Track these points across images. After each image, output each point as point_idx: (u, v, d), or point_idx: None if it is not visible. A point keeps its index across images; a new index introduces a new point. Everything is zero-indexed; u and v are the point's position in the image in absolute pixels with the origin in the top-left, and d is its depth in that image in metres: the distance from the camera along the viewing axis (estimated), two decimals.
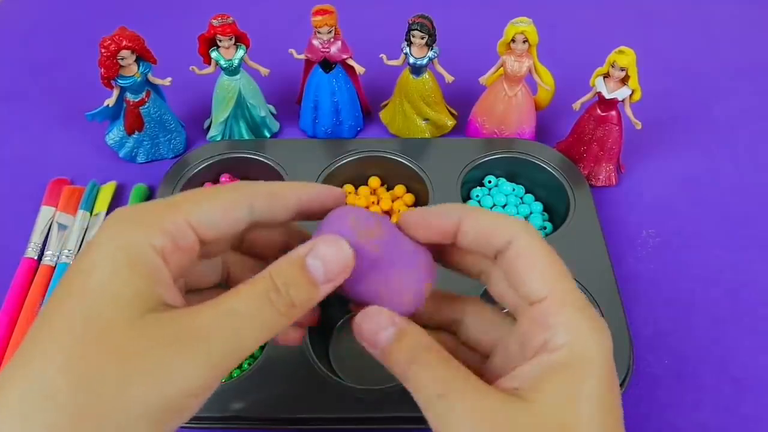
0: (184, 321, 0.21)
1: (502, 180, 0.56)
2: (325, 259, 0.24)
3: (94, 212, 0.54)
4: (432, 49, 0.54)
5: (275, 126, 0.62)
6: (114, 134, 0.57)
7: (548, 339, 0.23)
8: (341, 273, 0.24)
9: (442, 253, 0.28)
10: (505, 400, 0.23)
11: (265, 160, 0.54)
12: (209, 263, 0.28)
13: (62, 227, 0.52)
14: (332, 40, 0.55)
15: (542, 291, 0.24)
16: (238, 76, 0.56)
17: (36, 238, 0.51)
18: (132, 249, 0.22)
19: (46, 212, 0.53)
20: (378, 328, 0.25)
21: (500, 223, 0.25)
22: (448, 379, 0.23)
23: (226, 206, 0.24)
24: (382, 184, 0.56)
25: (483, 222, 0.26)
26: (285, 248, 0.26)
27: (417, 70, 0.56)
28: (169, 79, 0.55)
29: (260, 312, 0.23)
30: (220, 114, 0.58)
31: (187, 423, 0.41)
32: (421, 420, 0.24)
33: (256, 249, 0.30)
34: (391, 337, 0.25)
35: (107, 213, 0.54)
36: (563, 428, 0.22)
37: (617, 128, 0.54)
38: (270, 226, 0.28)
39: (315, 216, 0.27)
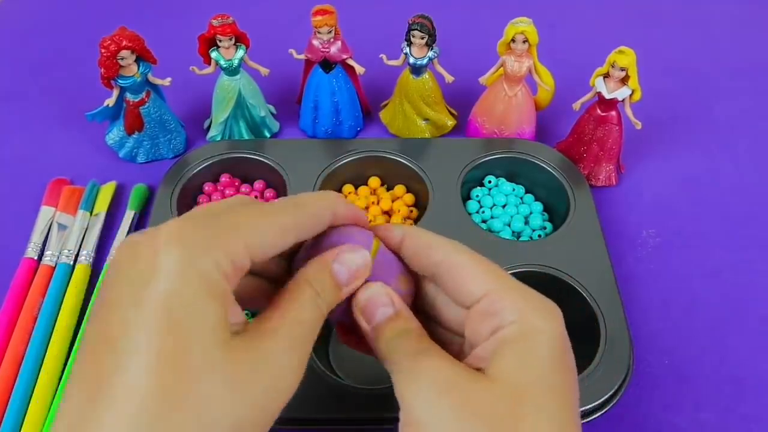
0: (265, 340, 0.23)
1: (502, 180, 0.56)
2: (349, 265, 0.26)
3: (94, 212, 0.54)
4: (432, 49, 0.54)
5: (275, 126, 0.62)
6: (114, 134, 0.57)
7: (498, 323, 0.25)
8: (361, 277, 0.27)
9: None
10: (469, 373, 0.24)
11: (265, 160, 0.54)
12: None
13: (62, 227, 0.52)
14: (332, 40, 0.55)
15: (482, 289, 0.26)
16: (238, 76, 0.56)
17: (36, 238, 0.51)
18: (208, 276, 0.22)
19: (46, 212, 0.53)
20: (379, 304, 0.27)
21: (434, 242, 0.28)
22: (423, 348, 0.25)
23: (281, 233, 0.25)
24: (382, 184, 0.56)
25: (421, 240, 0.28)
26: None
27: (417, 70, 0.56)
28: (169, 79, 0.55)
29: (316, 318, 0.25)
30: (220, 114, 0.58)
31: None
32: None
33: None
34: (386, 315, 0.27)
35: (107, 213, 0.54)
36: (516, 389, 0.23)
37: (617, 128, 0.54)
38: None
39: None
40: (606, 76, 0.52)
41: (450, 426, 0.22)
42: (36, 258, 0.50)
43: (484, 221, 0.53)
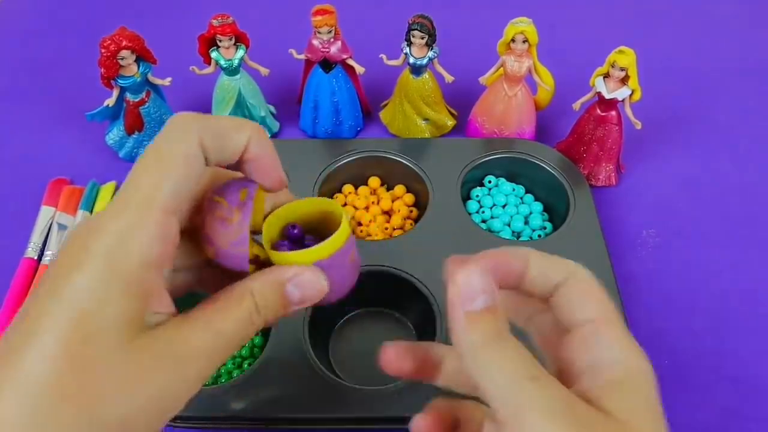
0: (176, 340, 0.22)
1: (502, 180, 0.56)
2: (305, 289, 0.25)
3: (94, 212, 0.54)
4: (432, 49, 0.54)
5: (275, 126, 0.62)
6: (114, 134, 0.57)
7: (599, 355, 0.24)
8: (313, 301, 0.26)
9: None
10: (585, 403, 0.23)
11: None
12: (187, 254, 0.27)
13: (62, 227, 0.52)
14: (332, 40, 0.55)
15: (594, 312, 0.25)
16: (238, 76, 0.56)
17: (36, 238, 0.51)
18: (127, 271, 0.22)
19: (46, 212, 0.53)
20: (479, 291, 0.24)
21: (560, 261, 0.26)
22: (538, 365, 0.23)
23: (186, 166, 0.23)
24: (382, 184, 0.56)
25: (546, 260, 0.26)
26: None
27: (417, 70, 0.56)
28: (169, 79, 0.55)
29: (243, 332, 0.24)
30: (220, 114, 0.58)
31: (186, 423, 0.41)
32: None
33: None
34: (485, 304, 0.24)
35: None
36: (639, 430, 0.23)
37: (617, 128, 0.54)
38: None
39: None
40: (606, 76, 0.52)
41: None
42: (36, 258, 0.50)
43: (484, 221, 0.53)
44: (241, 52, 0.55)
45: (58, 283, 0.21)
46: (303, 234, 0.28)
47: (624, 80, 0.51)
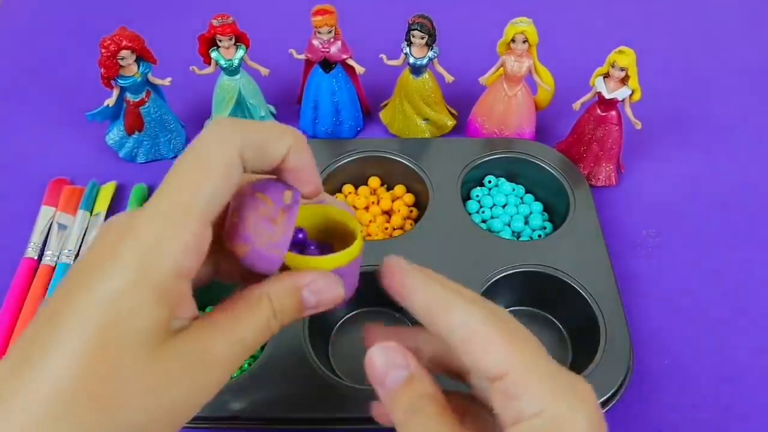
0: (198, 349, 0.23)
1: (502, 180, 0.56)
2: (320, 296, 0.26)
3: (94, 212, 0.54)
4: (432, 49, 0.54)
5: None
6: (114, 134, 0.57)
7: (519, 411, 0.22)
8: (328, 306, 0.26)
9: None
10: None
11: None
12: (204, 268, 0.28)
13: (62, 227, 0.52)
14: (332, 40, 0.55)
15: (502, 366, 0.23)
16: (238, 76, 0.56)
17: (36, 238, 0.51)
18: (160, 278, 0.21)
19: (46, 212, 0.53)
20: (390, 366, 0.25)
21: (452, 300, 0.24)
22: None
23: (225, 176, 0.23)
24: (382, 184, 0.56)
25: (437, 296, 0.25)
26: None
27: (417, 70, 0.56)
28: (169, 79, 0.55)
29: (261, 338, 0.25)
30: (220, 114, 0.58)
31: (187, 423, 0.41)
32: None
33: None
34: (400, 379, 0.25)
35: (107, 213, 0.54)
36: None
37: (617, 128, 0.54)
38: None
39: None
40: (606, 76, 0.52)
41: None
42: (36, 258, 0.50)
43: (484, 221, 0.53)
44: (241, 52, 0.55)
45: (88, 283, 0.21)
46: (306, 240, 0.28)
47: (624, 80, 0.51)
